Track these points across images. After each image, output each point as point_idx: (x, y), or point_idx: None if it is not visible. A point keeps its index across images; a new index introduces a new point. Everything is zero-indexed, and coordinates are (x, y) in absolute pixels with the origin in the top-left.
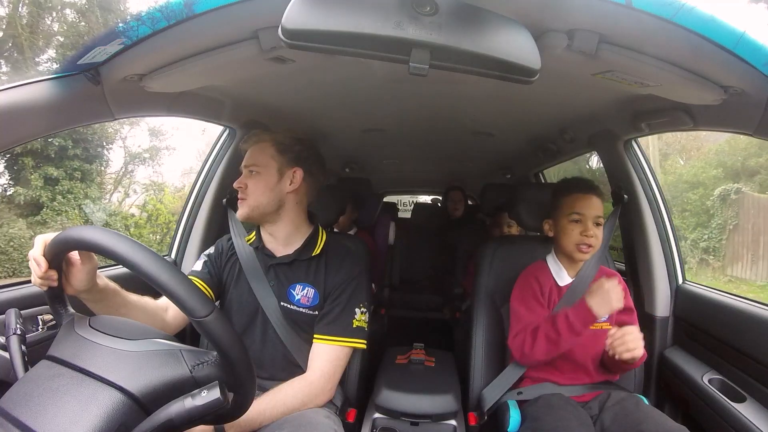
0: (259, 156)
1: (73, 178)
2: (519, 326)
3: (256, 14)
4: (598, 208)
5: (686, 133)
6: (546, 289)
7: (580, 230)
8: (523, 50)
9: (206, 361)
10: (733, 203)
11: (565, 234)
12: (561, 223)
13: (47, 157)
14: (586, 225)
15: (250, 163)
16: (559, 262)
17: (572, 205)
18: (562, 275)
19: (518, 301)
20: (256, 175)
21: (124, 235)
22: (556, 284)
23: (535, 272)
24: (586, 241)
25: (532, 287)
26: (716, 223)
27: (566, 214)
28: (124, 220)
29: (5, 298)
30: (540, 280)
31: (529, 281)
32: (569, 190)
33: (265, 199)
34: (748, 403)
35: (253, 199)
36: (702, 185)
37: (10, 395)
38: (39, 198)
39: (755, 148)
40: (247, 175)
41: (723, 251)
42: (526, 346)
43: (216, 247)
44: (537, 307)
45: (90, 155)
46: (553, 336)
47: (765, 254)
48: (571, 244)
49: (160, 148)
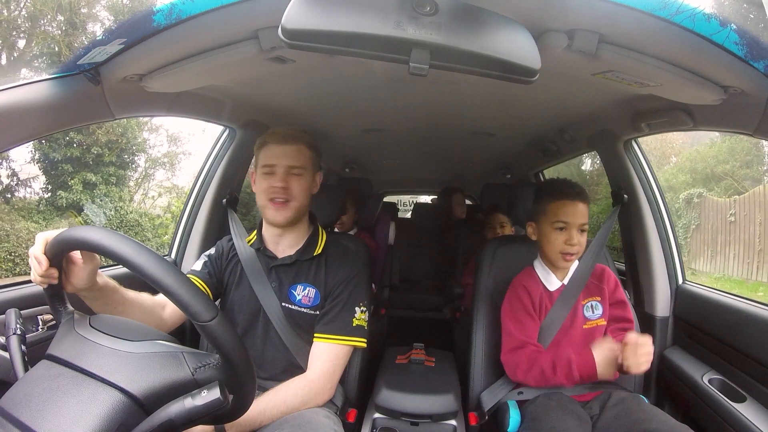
0: (302, 157)
1: (109, 183)
2: (512, 343)
3: (256, 14)
4: (583, 215)
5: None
6: (536, 297)
7: (564, 238)
8: (523, 50)
9: (208, 364)
10: (696, 206)
11: (548, 241)
12: (544, 228)
13: (85, 164)
14: (571, 233)
15: (296, 164)
16: (546, 267)
17: (557, 212)
18: (551, 280)
19: (508, 316)
20: (301, 177)
21: (127, 236)
22: (546, 290)
23: (524, 281)
24: (569, 250)
25: (522, 300)
26: (682, 223)
27: (550, 221)
28: (152, 221)
29: (5, 298)
30: (529, 289)
31: (518, 293)
32: (555, 196)
33: (306, 201)
34: (748, 403)
35: (298, 202)
36: (672, 189)
37: (10, 395)
38: (79, 201)
39: (724, 155)
40: (288, 176)
41: (687, 248)
42: (520, 371)
43: (217, 248)
44: (528, 321)
45: (124, 162)
46: (549, 373)
47: (722, 250)
48: (554, 252)
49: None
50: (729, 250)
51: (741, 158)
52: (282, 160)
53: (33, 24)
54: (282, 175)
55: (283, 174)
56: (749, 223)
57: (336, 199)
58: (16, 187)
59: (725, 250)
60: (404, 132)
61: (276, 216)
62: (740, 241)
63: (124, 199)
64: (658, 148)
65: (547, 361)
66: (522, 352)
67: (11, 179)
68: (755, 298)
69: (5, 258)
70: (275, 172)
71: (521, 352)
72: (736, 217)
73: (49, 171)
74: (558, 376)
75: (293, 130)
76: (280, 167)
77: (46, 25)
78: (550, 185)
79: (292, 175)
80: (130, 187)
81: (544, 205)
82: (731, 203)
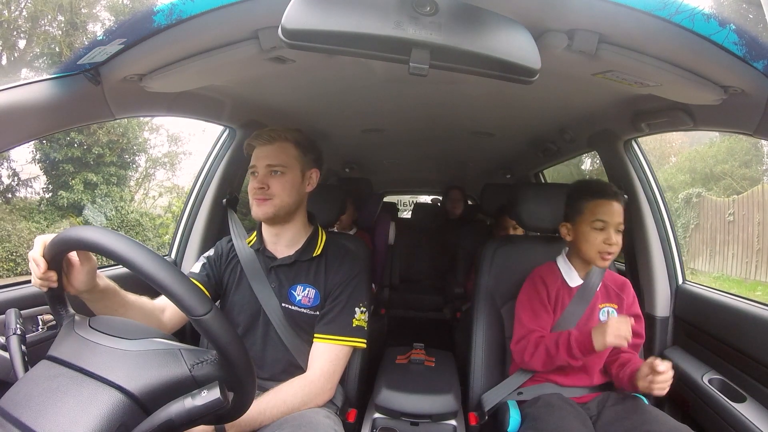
0: (282, 156)
1: (110, 183)
2: (522, 331)
3: (256, 14)
4: (620, 214)
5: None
6: (553, 292)
7: (603, 238)
8: (523, 50)
9: (205, 360)
10: (695, 205)
11: (586, 241)
12: (582, 228)
13: (86, 164)
14: (609, 233)
15: (275, 163)
16: (570, 264)
17: (595, 212)
18: (572, 276)
19: (523, 306)
20: (281, 175)
21: (122, 234)
22: (566, 285)
23: (542, 274)
24: (608, 249)
25: (539, 292)
26: (681, 223)
27: (588, 220)
28: (152, 221)
29: (5, 298)
30: (547, 283)
31: (536, 285)
32: (592, 195)
33: (291, 199)
34: (748, 403)
35: (280, 199)
36: (671, 189)
37: (10, 395)
38: (80, 201)
39: (723, 155)
40: (268, 175)
41: (687, 247)
42: (527, 354)
43: (216, 249)
44: (542, 313)
45: (124, 162)
46: (553, 351)
47: (720, 250)
48: (592, 251)
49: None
50: (728, 249)
51: (740, 158)
52: (261, 161)
53: (33, 24)
54: (261, 176)
55: (263, 174)
56: (748, 223)
57: (336, 199)
58: (17, 188)
59: (724, 249)
60: (404, 132)
61: (257, 211)
62: (739, 240)
63: (125, 199)
64: (657, 148)
65: (551, 340)
66: (529, 337)
67: (12, 179)
68: (754, 298)
69: (6, 258)
70: (256, 172)
71: (528, 338)
72: (734, 217)
73: (50, 171)
74: (560, 352)
75: (275, 130)
76: (260, 168)
77: (46, 25)
78: (587, 185)
79: (272, 175)
80: (130, 187)
81: (581, 204)
82: (730, 203)
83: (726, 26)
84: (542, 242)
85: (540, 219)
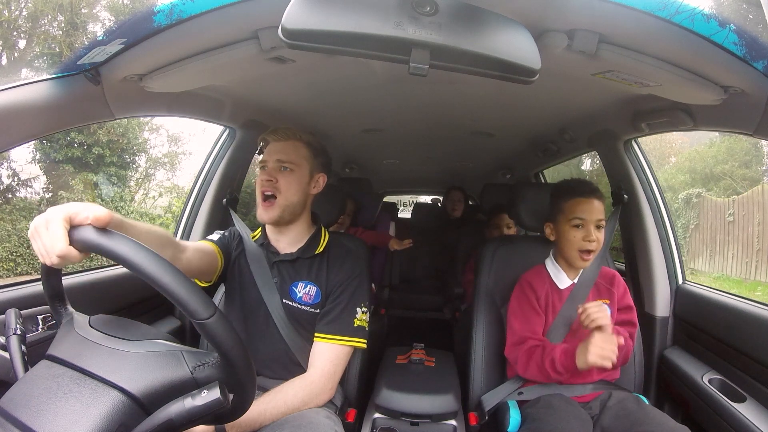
0: (293, 153)
1: (110, 183)
2: (513, 338)
3: (256, 14)
4: (599, 211)
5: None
6: (542, 295)
7: (583, 235)
8: (523, 50)
9: (207, 363)
10: (695, 206)
11: (566, 239)
12: (562, 227)
13: (87, 164)
14: (588, 230)
15: (285, 159)
16: (558, 266)
17: (573, 210)
18: (561, 278)
19: (514, 312)
20: (290, 172)
21: (124, 235)
22: (555, 288)
23: (529, 279)
24: (588, 246)
25: (528, 297)
26: (681, 223)
27: (567, 219)
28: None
29: (5, 298)
30: (534, 287)
31: (525, 291)
32: (570, 194)
33: (296, 198)
34: (748, 403)
35: (285, 198)
36: (671, 189)
37: (10, 395)
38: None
39: (723, 155)
40: (277, 170)
41: (687, 247)
42: (520, 365)
43: (228, 231)
44: (533, 317)
45: (125, 162)
46: (542, 367)
47: (720, 250)
48: (572, 250)
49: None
50: (728, 249)
51: (740, 158)
52: (273, 156)
53: (33, 24)
54: (270, 169)
55: (273, 168)
56: (748, 223)
57: (336, 199)
58: (18, 187)
59: (724, 249)
60: (404, 132)
61: (263, 215)
62: (739, 240)
63: (125, 199)
64: (657, 148)
65: (539, 355)
66: (521, 347)
67: (12, 179)
68: (754, 298)
69: (7, 258)
70: (266, 166)
71: (520, 348)
72: (734, 217)
73: (50, 171)
74: (548, 369)
75: (291, 129)
76: (270, 162)
77: (46, 25)
78: (565, 185)
79: (281, 170)
80: (131, 187)
81: (560, 204)
82: (730, 203)
83: (726, 26)
84: (542, 242)
85: (539, 218)
